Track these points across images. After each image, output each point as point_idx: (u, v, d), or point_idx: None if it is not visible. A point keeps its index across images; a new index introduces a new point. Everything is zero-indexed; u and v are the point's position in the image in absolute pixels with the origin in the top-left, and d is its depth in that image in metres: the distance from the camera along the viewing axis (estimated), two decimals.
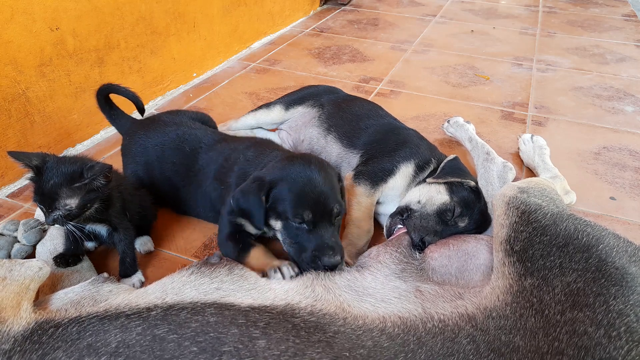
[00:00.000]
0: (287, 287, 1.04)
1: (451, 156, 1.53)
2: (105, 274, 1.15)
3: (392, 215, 1.41)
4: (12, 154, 1.14)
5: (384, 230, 1.43)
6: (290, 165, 1.23)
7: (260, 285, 1.04)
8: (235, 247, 1.29)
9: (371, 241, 1.44)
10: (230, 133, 1.89)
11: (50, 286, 1.25)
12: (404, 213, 1.39)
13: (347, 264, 1.25)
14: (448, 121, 2.06)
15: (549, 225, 1.03)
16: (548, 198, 1.18)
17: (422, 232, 1.29)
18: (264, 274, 1.18)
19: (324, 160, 1.33)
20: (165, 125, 1.60)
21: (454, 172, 1.45)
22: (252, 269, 1.18)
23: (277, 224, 1.22)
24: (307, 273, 1.11)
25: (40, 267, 1.08)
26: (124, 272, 1.31)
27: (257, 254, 1.27)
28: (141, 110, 1.67)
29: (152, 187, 1.52)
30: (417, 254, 1.22)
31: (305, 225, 1.17)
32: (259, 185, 1.20)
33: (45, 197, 1.13)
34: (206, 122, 1.76)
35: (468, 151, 1.92)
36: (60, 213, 1.14)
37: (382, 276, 1.11)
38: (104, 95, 1.65)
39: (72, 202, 1.14)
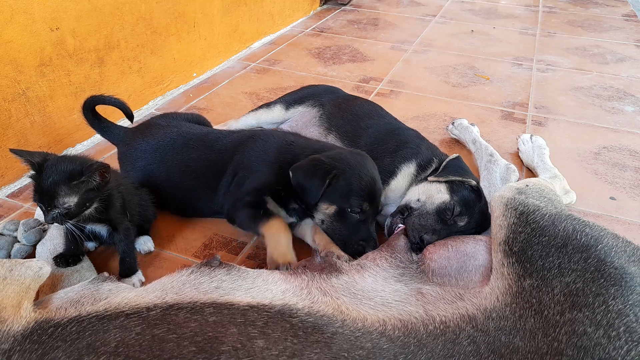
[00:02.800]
0: (283, 288, 1.04)
1: (453, 155, 1.53)
2: (106, 274, 1.15)
3: (393, 215, 1.41)
4: (14, 151, 1.15)
5: (385, 229, 1.43)
6: (352, 158, 1.35)
7: (258, 284, 1.04)
8: (255, 213, 1.35)
9: None
10: None
11: (50, 286, 1.25)
12: (404, 212, 1.39)
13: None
14: (452, 123, 2.06)
15: (548, 226, 1.03)
16: (546, 199, 1.18)
17: (421, 230, 1.29)
18: (277, 266, 1.19)
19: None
20: (164, 128, 1.59)
21: (455, 171, 1.45)
22: (267, 244, 1.29)
23: (329, 209, 1.32)
24: (302, 275, 1.11)
25: (40, 267, 1.08)
26: (124, 272, 1.31)
27: (277, 224, 1.33)
28: (130, 117, 1.64)
29: (156, 191, 1.50)
30: (414, 256, 1.22)
31: (358, 216, 1.31)
32: (326, 169, 1.29)
33: (44, 194, 1.13)
34: (202, 122, 1.76)
35: (471, 153, 1.92)
36: (59, 211, 1.14)
37: (381, 279, 1.11)
38: (91, 109, 1.61)
39: (71, 201, 1.14)
